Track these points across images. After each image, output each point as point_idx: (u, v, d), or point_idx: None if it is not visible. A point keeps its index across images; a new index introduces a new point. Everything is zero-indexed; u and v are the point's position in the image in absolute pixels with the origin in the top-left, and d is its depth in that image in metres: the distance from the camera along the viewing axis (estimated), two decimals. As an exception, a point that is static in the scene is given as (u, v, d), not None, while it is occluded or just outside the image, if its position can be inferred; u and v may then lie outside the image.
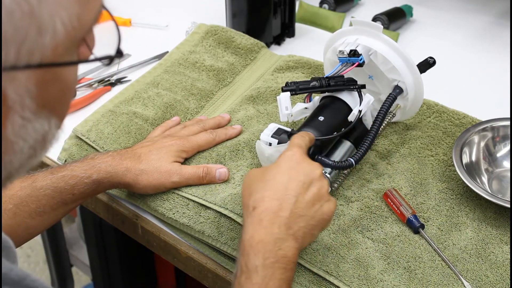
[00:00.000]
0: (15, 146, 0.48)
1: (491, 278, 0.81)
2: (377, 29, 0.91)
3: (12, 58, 0.44)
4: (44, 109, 0.48)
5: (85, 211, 1.29)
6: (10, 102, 0.45)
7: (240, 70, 1.18)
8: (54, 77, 0.48)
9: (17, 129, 0.47)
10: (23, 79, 0.45)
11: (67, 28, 0.46)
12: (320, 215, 0.74)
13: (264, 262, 0.68)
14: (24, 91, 0.46)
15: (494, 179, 0.95)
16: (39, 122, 0.49)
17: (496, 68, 1.23)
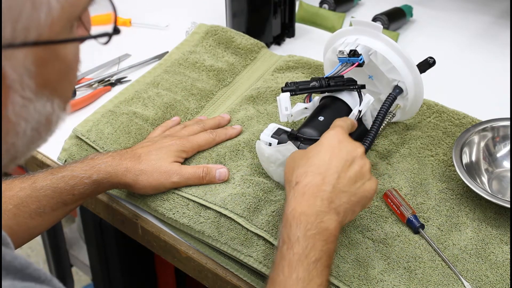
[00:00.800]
0: (17, 127, 0.48)
1: (491, 278, 0.81)
2: (377, 29, 0.91)
3: (8, 35, 0.43)
4: (45, 89, 0.48)
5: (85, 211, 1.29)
6: (9, 81, 0.45)
7: (240, 70, 1.18)
8: (53, 55, 0.48)
9: (18, 109, 0.47)
10: (21, 57, 0.45)
11: (62, 4, 0.46)
12: (362, 192, 0.75)
13: (306, 233, 0.70)
14: (23, 70, 0.46)
15: (494, 179, 0.95)
16: (41, 102, 0.48)
17: (496, 68, 1.23)
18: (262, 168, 0.93)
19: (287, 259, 0.69)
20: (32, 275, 0.50)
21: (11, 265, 0.49)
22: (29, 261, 0.51)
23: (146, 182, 0.90)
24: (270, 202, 0.89)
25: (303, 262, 0.69)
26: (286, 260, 0.69)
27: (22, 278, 0.49)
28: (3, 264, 0.48)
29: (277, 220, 0.86)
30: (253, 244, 0.85)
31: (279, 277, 0.69)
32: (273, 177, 0.92)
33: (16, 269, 0.49)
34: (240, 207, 0.88)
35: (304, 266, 0.69)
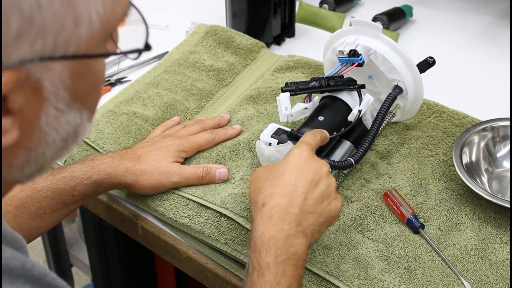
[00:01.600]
0: (48, 137, 0.49)
1: (491, 278, 0.81)
2: (376, 29, 0.91)
3: (50, 48, 0.44)
4: (76, 101, 0.49)
5: (85, 211, 1.29)
6: (46, 93, 0.46)
7: (240, 70, 1.18)
8: (87, 69, 0.49)
9: (51, 120, 0.48)
10: (58, 70, 0.46)
11: (101, 19, 0.47)
12: (328, 212, 0.75)
13: (276, 259, 0.69)
14: (59, 82, 0.47)
15: (494, 179, 0.95)
16: (72, 114, 0.49)
17: (496, 68, 1.23)
18: (262, 168, 0.93)
19: (258, 287, 0.69)
20: (50, 283, 0.51)
21: (29, 273, 0.49)
22: (47, 270, 0.51)
23: (146, 183, 0.90)
24: (270, 202, 0.89)
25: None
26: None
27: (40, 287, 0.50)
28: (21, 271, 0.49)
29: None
30: (253, 244, 0.85)
31: None
32: (273, 177, 0.92)
33: (34, 277, 0.49)
34: (240, 207, 0.88)
35: None
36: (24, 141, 0.48)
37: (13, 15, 0.42)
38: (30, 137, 0.48)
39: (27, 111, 0.46)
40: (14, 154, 0.48)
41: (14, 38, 0.42)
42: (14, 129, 0.45)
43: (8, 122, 0.45)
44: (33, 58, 0.44)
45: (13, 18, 0.42)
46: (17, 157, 0.49)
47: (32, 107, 0.46)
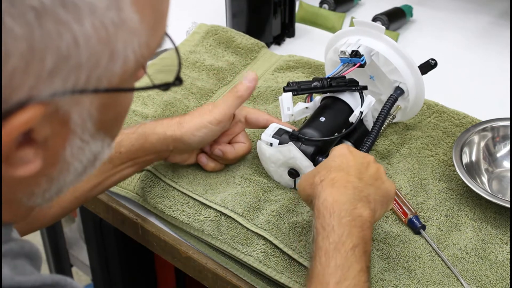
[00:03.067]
0: (71, 167, 0.49)
1: (491, 278, 0.81)
2: (379, 30, 0.91)
3: (82, 82, 0.44)
4: (101, 131, 0.49)
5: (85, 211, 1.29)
6: (73, 125, 0.46)
7: (240, 69, 1.18)
8: (115, 101, 0.49)
9: (75, 151, 0.48)
10: (87, 103, 0.46)
11: (136, 56, 0.46)
12: (384, 190, 0.76)
13: (340, 221, 0.69)
14: (87, 115, 0.47)
15: (494, 179, 0.95)
16: (95, 144, 0.50)
17: (496, 68, 1.23)
18: (262, 167, 0.93)
19: (323, 248, 0.68)
20: None
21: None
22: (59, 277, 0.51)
23: (191, 123, 0.88)
24: (270, 201, 0.89)
25: (340, 249, 0.68)
26: (323, 250, 0.68)
27: None
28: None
29: (277, 220, 0.86)
30: (253, 243, 0.85)
31: (317, 268, 0.68)
32: (274, 177, 0.92)
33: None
34: (240, 206, 0.88)
35: (342, 254, 0.67)
36: (47, 170, 0.48)
37: (49, 53, 0.41)
38: (53, 167, 0.48)
39: (52, 142, 0.46)
40: (37, 182, 0.48)
41: (47, 74, 0.42)
42: (38, 159, 0.45)
43: (31, 152, 0.45)
44: (65, 92, 0.43)
45: (49, 55, 0.42)
46: (39, 186, 0.49)
47: (58, 139, 0.46)
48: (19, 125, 0.42)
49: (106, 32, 0.43)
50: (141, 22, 0.45)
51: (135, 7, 0.44)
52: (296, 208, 0.88)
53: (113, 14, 0.43)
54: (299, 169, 0.87)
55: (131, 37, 0.45)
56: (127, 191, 0.97)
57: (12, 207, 0.50)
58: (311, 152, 0.87)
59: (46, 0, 0.40)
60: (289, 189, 0.92)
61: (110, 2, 0.43)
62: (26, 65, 0.41)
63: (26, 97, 0.42)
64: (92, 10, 0.42)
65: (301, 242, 0.84)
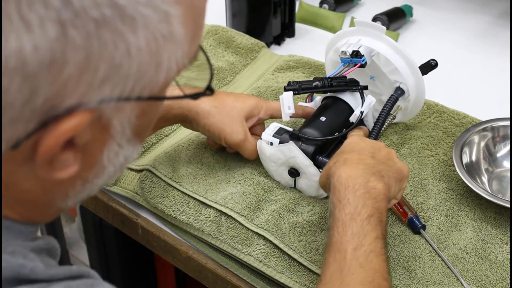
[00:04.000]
0: (105, 171, 0.50)
1: (491, 278, 0.81)
2: (379, 30, 0.91)
3: (128, 91, 0.45)
4: (136, 136, 0.50)
5: (85, 211, 1.29)
6: (113, 132, 0.47)
7: (241, 69, 1.18)
8: (152, 108, 0.50)
9: (112, 156, 0.49)
10: (128, 110, 0.47)
11: (179, 67, 0.48)
12: (397, 168, 0.78)
13: (355, 194, 0.72)
14: (127, 122, 0.48)
15: (494, 179, 0.95)
16: (129, 148, 0.51)
17: (496, 68, 1.23)
18: (263, 167, 0.93)
19: (340, 219, 0.71)
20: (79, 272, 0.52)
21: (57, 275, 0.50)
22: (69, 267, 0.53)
23: (214, 120, 0.89)
24: (270, 201, 0.89)
25: (356, 219, 0.70)
26: (339, 221, 0.71)
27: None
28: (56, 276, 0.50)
29: (277, 219, 0.86)
30: (253, 243, 0.85)
31: (334, 237, 0.70)
32: (274, 176, 0.92)
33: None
34: (240, 205, 0.88)
35: (358, 223, 0.70)
36: (84, 173, 0.49)
37: (103, 62, 0.42)
38: (89, 170, 0.49)
39: (92, 147, 0.47)
40: (72, 185, 0.49)
41: (99, 83, 0.43)
42: (76, 163, 0.46)
43: (71, 156, 0.46)
44: (111, 100, 0.44)
45: (102, 64, 0.42)
46: (74, 188, 0.50)
47: (98, 143, 0.47)
48: (66, 131, 0.43)
49: (156, 44, 0.45)
50: (185, 34, 0.47)
51: (183, 20, 0.46)
52: (296, 208, 0.88)
53: (163, 27, 0.44)
54: (299, 168, 0.87)
55: (176, 49, 0.46)
56: (127, 191, 0.97)
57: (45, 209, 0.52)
58: (312, 152, 0.87)
59: (107, 12, 0.41)
60: (289, 189, 0.92)
61: (162, 16, 0.44)
62: (80, 73, 0.42)
63: (76, 104, 0.43)
64: (146, 23, 0.43)
65: (301, 242, 0.84)
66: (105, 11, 0.41)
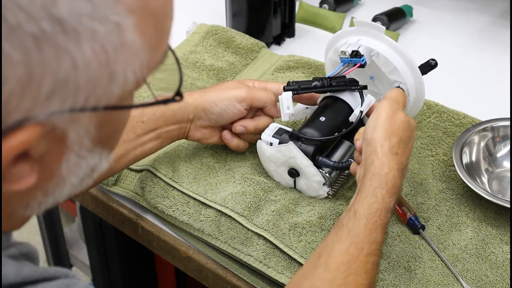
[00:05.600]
0: (67, 181, 0.49)
1: (491, 278, 0.81)
2: (379, 30, 0.91)
3: (80, 103, 0.44)
4: (98, 146, 0.49)
5: (85, 211, 1.29)
6: (69, 143, 0.46)
7: (241, 69, 1.18)
8: (113, 118, 0.49)
9: (71, 167, 0.48)
10: (85, 121, 0.46)
11: (137, 77, 0.46)
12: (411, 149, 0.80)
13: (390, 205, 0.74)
14: (84, 132, 0.47)
15: (494, 179, 0.95)
16: (93, 158, 0.50)
17: (496, 68, 1.23)
18: (263, 167, 0.93)
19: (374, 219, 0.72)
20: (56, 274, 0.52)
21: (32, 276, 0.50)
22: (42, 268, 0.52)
23: (214, 93, 0.90)
24: (270, 201, 0.89)
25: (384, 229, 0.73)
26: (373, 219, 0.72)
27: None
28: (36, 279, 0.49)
29: (277, 220, 0.86)
30: (253, 243, 0.85)
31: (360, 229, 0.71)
32: (274, 177, 0.92)
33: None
34: (240, 206, 0.88)
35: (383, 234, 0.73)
36: (43, 184, 0.48)
37: (47, 77, 0.41)
38: (49, 181, 0.48)
39: (48, 158, 0.46)
40: (32, 195, 0.49)
41: (45, 97, 0.42)
42: (33, 174, 0.45)
43: (27, 168, 0.45)
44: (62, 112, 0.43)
45: (47, 79, 0.41)
46: (35, 198, 0.49)
47: (54, 155, 0.46)
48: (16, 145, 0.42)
49: (106, 55, 0.43)
50: (143, 43, 0.45)
51: (138, 29, 0.44)
52: (296, 208, 0.88)
53: (114, 38, 0.43)
54: (299, 168, 0.87)
55: (132, 59, 0.45)
56: (127, 191, 0.97)
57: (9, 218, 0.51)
58: (311, 152, 0.87)
59: (46, 27, 0.40)
60: (289, 189, 0.92)
61: (112, 27, 0.43)
62: (22, 89, 0.41)
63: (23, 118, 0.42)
64: (93, 35, 0.42)
65: (301, 242, 0.84)
66: (44, 26, 0.40)
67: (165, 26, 0.48)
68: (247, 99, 0.91)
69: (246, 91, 0.91)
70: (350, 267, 0.69)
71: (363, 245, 0.70)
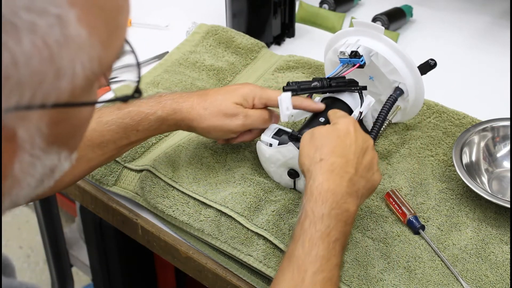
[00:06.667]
0: (22, 182, 0.48)
1: (491, 278, 0.81)
2: (378, 30, 0.91)
3: (27, 100, 0.43)
4: (54, 145, 0.48)
5: (85, 211, 1.29)
6: (20, 141, 0.45)
7: (241, 69, 1.18)
8: (68, 116, 0.47)
9: (25, 167, 0.47)
10: (35, 119, 0.44)
11: (86, 72, 0.45)
12: (372, 181, 0.78)
13: (330, 212, 0.71)
14: (35, 131, 0.45)
15: (494, 179, 0.95)
16: (49, 158, 0.48)
17: (496, 68, 1.23)
18: (263, 168, 0.93)
19: (309, 234, 0.70)
20: None
21: None
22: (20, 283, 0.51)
23: (210, 122, 0.89)
24: (270, 202, 0.89)
25: (324, 240, 0.70)
26: (308, 235, 0.70)
27: None
28: None
29: (277, 220, 0.86)
30: (253, 243, 0.85)
31: (298, 251, 0.70)
32: (274, 177, 0.92)
33: None
34: (240, 206, 0.88)
35: (325, 244, 0.70)
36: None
37: None
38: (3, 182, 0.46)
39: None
40: None
41: None
42: None
43: None
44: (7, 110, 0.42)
45: None
46: None
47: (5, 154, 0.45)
48: None
49: (49, 50, 0.42)
50: (90, 36, 0.43)
51: (83, 22, 0.43)
52: (296, 208, 0.88)
53: (56, 31, 0.41)
54: (298, 169, 0.87)
55: (78, 53, 0.43)
56: (127, 191, 0.97)
57: None
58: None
59: None
60: (289, 189, 0.92)
61: (52, 20, 0.41)
62: None
63: None
64: (33, 29, 0.40)
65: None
66: None
67: (118, 21, 0.46)
68: (244, 128, 0.90)
69: (243, 121, 0.89)
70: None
71: (305, 266, 0.69)
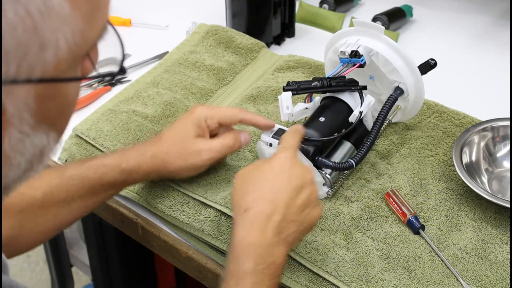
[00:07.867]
0: (12, 160, 0.47)
1: (491, 278, 0.81)
2: (378, 30, 0.91)
3: (13, 73, 0.43)
4: (43, 123, 0.48)
5: (85, 211, 1.29)
6: (8, 116, 0.45)
7: (241, 69, 1.18)
8: (55, 92, 0.48)
9: (14, 143, 0.46)
10: (22, 94, 0.45)
11: (69, 45, 0.45)
12: (309, 220, 0.75)
13: (255, 268, 0.69)
14: (23, 106, 0.45)
15: (494, 179, 0.95)
16: (38, 136, 0.48)
17: (496, 68, 1.23)
18: (262, 168, 0.93)
19: None
20: None
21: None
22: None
23: (177, 165, 0.87)
24: (270, 202, 0.89)
25: None
26: None
27: None
28: None
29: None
30: (253, 244, 0.85)
31: None
32: (273, 177, 0.92)
33: None
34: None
35: None
36: None
37: None
38: None
39: None
40: None
41: None
42: None
43: None
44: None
45: None
46: None
47: None
48: None
49: (32, 19, 0.42)
50: (72, 9, 0.44)
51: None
52: (296, 208, 0.88)
53: (39, 1, 0.42)
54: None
55: (61, 25, 0.44)
56: (127, 191, 0.97)
57: None
58: (311, 152, 0.87)
59: None
60: (289, 189, 0.91)
61: None
62: None
63: None
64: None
65: (301, 242, 0.84)
66: None
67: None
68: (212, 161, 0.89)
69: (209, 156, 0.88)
70: None
71: None
